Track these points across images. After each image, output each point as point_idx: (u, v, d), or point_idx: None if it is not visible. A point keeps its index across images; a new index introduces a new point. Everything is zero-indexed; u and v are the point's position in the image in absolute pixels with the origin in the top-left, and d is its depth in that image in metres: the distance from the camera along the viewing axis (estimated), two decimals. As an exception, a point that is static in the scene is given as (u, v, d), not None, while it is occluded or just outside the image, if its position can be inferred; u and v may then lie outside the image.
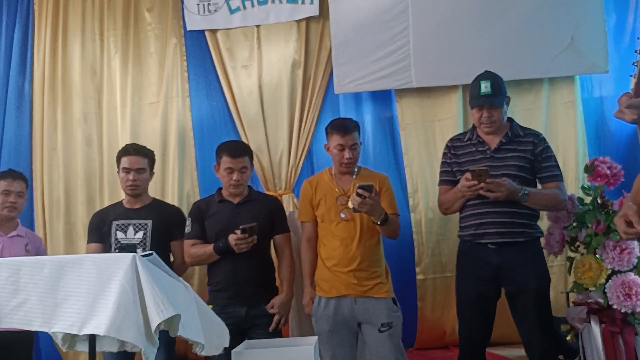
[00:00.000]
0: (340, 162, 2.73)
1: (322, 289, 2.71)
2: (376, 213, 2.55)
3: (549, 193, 2.65)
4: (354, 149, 2.72)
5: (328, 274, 2.69)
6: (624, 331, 2.68)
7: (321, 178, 2.84)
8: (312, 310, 2.73)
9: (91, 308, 1.68)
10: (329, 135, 2.79)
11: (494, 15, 3.69)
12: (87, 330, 1.66)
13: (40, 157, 3.89)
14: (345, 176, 2.78)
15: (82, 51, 3.96)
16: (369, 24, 3.75)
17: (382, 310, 2.62)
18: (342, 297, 2.66)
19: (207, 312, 2.13)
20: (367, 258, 2.67)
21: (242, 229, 2.64)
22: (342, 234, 2.69)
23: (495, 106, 2.65)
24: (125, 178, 2.95)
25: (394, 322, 2.64)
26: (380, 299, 2.64)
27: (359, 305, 2.64)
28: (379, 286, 2.66)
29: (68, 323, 1.68)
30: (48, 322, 1.69)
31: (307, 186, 2.85)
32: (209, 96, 3.93)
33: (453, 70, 3.68)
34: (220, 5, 3.88)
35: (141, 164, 2.97)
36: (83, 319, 1.67)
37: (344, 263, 2.66)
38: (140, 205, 2.97)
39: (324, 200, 2.76)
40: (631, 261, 2.69)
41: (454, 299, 2.81)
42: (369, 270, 2.67)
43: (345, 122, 2.80)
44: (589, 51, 3.65)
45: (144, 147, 3.08)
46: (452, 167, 2.77)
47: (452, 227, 3.46)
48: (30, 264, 1.76)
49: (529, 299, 2.59)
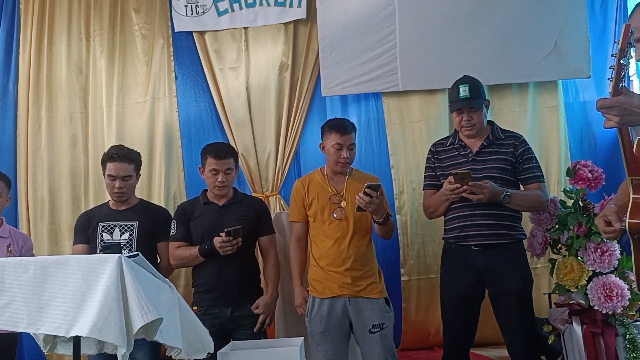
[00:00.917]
0: (336, 161, 2.75)
1: (316, 289, 2.72)
2: (380, 212, 2.59)
3: (531, 194, 2.69)
4: (351, 149, 2.75)
5: (321, 274, 2.70)
6: (605, 332, 2.72)
7: (313, 178, 2.86)
8: (306, 311, 2.74)
9: (77, 310, 1.67)
10: (325, 134, 2.80)
11: (479, 21, 3.73)
12: (74, 332, 1.65)
13: (24, 157, 3.86)
14: (338, 176, 2.80)
15: (68, 50, 3.93)
16: (356, 28, 3.77)
17: (373, 311, 2.64)
18: (336, 297, 2.67)
19: (189, 316, 2.11)
20: (360, 257, 2.69)
21: (227, 232, 2.64)
22: (335, 233, 2.71)
23: (475, 109, 2.69)
24: (111, 185, 2.90)
25: (385, 323, 2.65)
26: (372, 300, 2.66)
27: (352, 306, 2.66)
28: (372, 286, 2.67)
29: (55, 325, 1.67)
30: (34, 323, 1.68)
31: (299, 186, 2.86)
32: (197, 97, 3.92)
33: (439, 73, 3.71)
34: (208, 7, 3.89)
35: (127, 170, 2.90)
36: (70, 321, 1.66)
37: (338, 262, 2.68)
38: (127, 207, 2.95)
39: (316, 199, 2.78)
40: (612, 263, 2.74)
41: (438, 301, 2.83)
42: (362, 269, 2.68)
43: (344, 122, 2.83)
44: (572, 56, 3.71)
45: (130, 152, 2.99)
46: (436, 171, 2.81)
47: (437, 229, 3.49)
48: (14, 264, 1.74)
49: (511, 301, 2.62)
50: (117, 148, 3.01)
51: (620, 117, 1.54)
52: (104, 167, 2.96)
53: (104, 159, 2.96)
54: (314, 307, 2.70)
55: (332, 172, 2.81)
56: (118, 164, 2.89)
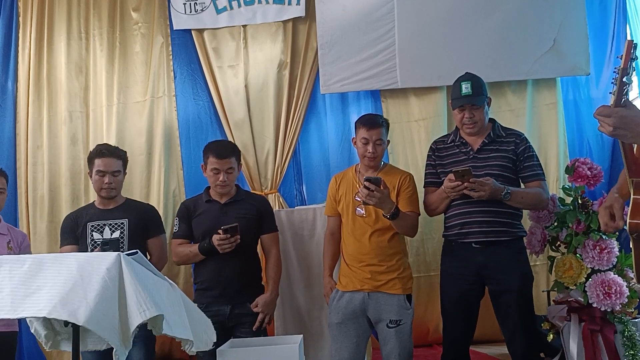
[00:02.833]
0: (363, 155, 2.75)
1: (341, 283, 2.75)
2: (385, 207, 2.56)
3: (532, 192, 2.68)
4: (378, 144, 2.72)
5: (347, 269, 2.73)
6: (604, 329, 2.73)
7: (347, 174, 2.86)
8: (329, 302, 2.75)
9: (66, 296, 1.61)
10: (356, 128, 2.80)
11: (478, 18, 3.74)
12: (57, 314, 1.58)
13: (24, 155, 3.87)
14: (370, 171, 2.77)
15: (68, 49, 3.93)
16: (355, 25, 3.77)
17: (392, 307, 2.63)
18: (356, 291, 2.68)
19: (194, 309, 2.12)
20: (380, 253, 2.67)
21: (224, 230, 2.64)
22: (356, 230, 2.71)
23: (477, 106, 2.68)
24: (100, 181, 2.86)
25: (403, 320, 2.63)
26: (392, 295, 2.65)
27: (372, 300, 2.65)
28: (393, 282, 2.66)
29: (36, 308, 1.61)
30: (15, 309, 1.62)
31: (332, 181, 2.89)
32: (195, 95, 3.93)
33: (438, 71, 3.71)
34: (207, 5, 3.88)
35: (116, 166, 2.89)
36: (54, 304, 1.59)
37: (358, 258, 2.69)
38: (114, 206, 2.92)
39: (344, 195, 2.78)
40: (611, 260, 2.74)
41: (438, 298, 2.83)
42: (384, 264, 2.67)
43: (374, 117, 2.82)
44: (571, 54, 3.71)
45: (117, 148, 3.00)
46: (437, 168, 2.80)
47: (436, 226, 3.50)
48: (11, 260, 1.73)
49: (511, 298, 2.62)
50: (104, 145, 3.02)
51: (614, 129, 1.53)
52: (91, 164, 2.92)
53: (92, 156, 2.93)
54: (335, 299, 2.72)
55: (364, 168, 2.80)
56: (107, 160, 2.87)
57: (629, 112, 1.53)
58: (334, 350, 2.69)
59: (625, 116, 1.52)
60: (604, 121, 1.54)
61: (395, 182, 2.71)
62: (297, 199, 3.86)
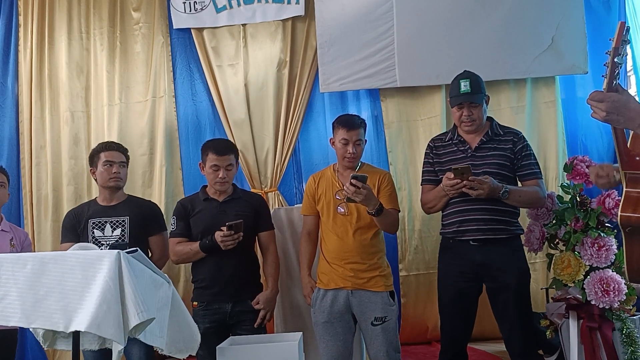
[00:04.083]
0: (343, 156, 2.76)
1: (322, 281, 2.75)
2: (370, 203, 2.59)
3: (529, 191, 2.69)
4: (357, 144, 2.75)
5: (327, 267, 2.74)
6: (602, 326, 2.73)
7: (325, 173, 2.88)
8: (312, 301, 2.76)
9: (76, 305, 1.65)
10: (334, 129, 2.81)
11: (477, 17, 3.74)
12: (73, 327, 1.63)
13: (28, 155, 3.89)
14: (348, 171, 2.79)
15: (69, 49, 3.95)
16: (354, 24, 3.78)
17: (376, 304, 2.65)
18: (339, 289, 2.69)
19: (181, 313, 2.09)
20: (363, 251, 2.70)
21: (228, 226, 2.65)
22: (338, 228, 2.73)
23: (475, 104, 2.69)
24: (109, 171, 2.88)
25: (388, 317, 2.65)
26: (376, 293, 2.66)
27: (355, 298, 2.67)
28: (376, 279, 2.68)
29: (53, 320, 1.65)
30: (27, 317, 1.66)
31: (311, 180, 2.90)
32: (195, 94, 3.94)
33: (437, 70, 3.72)
34: (206, 4, 3.90)
35: (122, 158, 2.95)
36: (69, 316, 1.64)
37: (340, 256, 2.70)
38: (116, 202, 2.93)
39: (324, 194, 2.80)
40: (609, 258, 2.74)
41: (436, 296, 2.84)
42: (366, 262, 2.69)
43: (352, 118, 2.84)
44: (570, 52, 3.72)
45: (121, 145, 3.05)
46: (434, 166, 2.81)
47: (435, 224, 3.51)
48: (12, 260, 1.74)
49: (509, 296, 2.62)
50: (108, 141, 3.08)
51: (607, 114, 1.53)
52: (97, 158, 2.93)
53: (97, 151, 2.95)
54: (318, 298, 2.73)
55: (342, 168, 2.82)
56: (114, 152, 2.93)
57: (621, 96, 1.54)
58: (321, 349, 2.70)
59: (618, 101, 1.53)
60: (596, 106, 1.55)
61: (375, 181, 2.73)
62: (297, 197, 3.88)
